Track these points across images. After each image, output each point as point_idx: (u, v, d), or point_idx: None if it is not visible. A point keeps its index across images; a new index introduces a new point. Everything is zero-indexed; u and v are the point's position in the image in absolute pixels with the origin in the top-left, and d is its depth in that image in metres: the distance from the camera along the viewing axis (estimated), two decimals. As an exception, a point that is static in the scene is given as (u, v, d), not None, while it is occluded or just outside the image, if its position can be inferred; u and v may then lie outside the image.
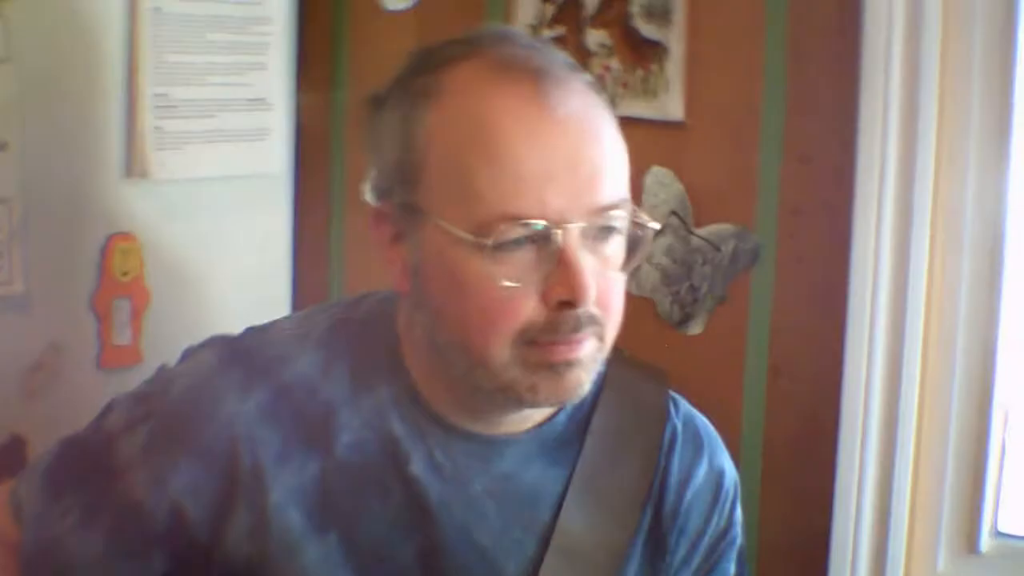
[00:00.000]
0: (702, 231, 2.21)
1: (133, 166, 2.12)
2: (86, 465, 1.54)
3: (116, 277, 2.11)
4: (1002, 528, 2.17)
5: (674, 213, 2.21)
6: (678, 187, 2.21)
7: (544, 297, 1.38)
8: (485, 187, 1.36)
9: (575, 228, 1.37)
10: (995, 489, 2.15)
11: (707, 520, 1.61)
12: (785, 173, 2.14)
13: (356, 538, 1.48)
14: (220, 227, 2.27)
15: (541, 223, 1.36)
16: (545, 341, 1.39)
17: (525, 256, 1.38)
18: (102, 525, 1.50)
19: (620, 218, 1.41)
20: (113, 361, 2.12)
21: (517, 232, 1.37)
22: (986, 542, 2.15)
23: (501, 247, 1.37)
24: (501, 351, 1.39)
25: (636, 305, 2.20)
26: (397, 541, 1.49)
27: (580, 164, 1.38)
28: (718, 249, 2.19)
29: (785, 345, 2.18)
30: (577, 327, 1.39)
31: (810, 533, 2.19)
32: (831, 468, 2.14)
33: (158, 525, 1.47)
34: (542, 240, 1.37)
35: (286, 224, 2.44)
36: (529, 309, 1.38)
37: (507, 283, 1.37)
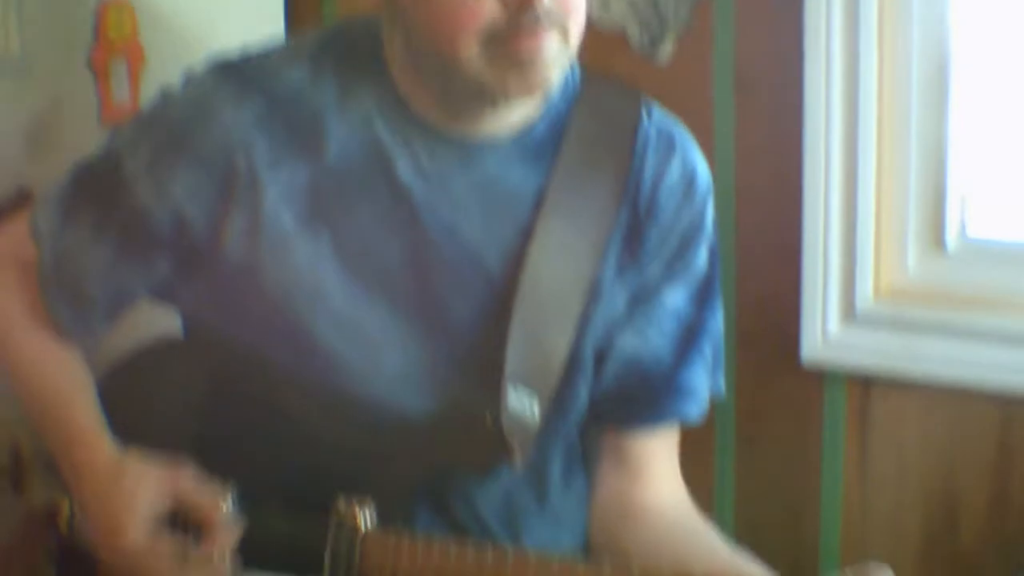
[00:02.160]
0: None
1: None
2: (96, 184, 1.65)
3: (112, 37, 2.19)
4: (970, 229, 2.24)
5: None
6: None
7: None
8: None
9: None
10: (961, 188, 2.22)
11: (679, 214, 1.67)
12: None
13: (345, 238, 1.58)
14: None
15: None
16: (509, 37, 1.48)
17: None
18: (111, 235, 1.62)
19: None
20: (113, 118, 2.20)
21: None
22: (953, 242, 2.23)
23: None
24: (469, 50, 1.49)
25: (606, 38, 2.31)
26: (384, 240, 1.58)
27: None
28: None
29: (749, 63, 2.28)
30: (537, 21, 1.48)
31: (782, 243, 2.30)
32: (798, 178, 2.24)
33: (162, 230, 1.59)
34: None
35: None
36: (491, 9, 1.48)
37: None
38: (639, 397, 1.70)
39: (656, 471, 1.73)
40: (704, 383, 1.72)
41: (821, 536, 2.33)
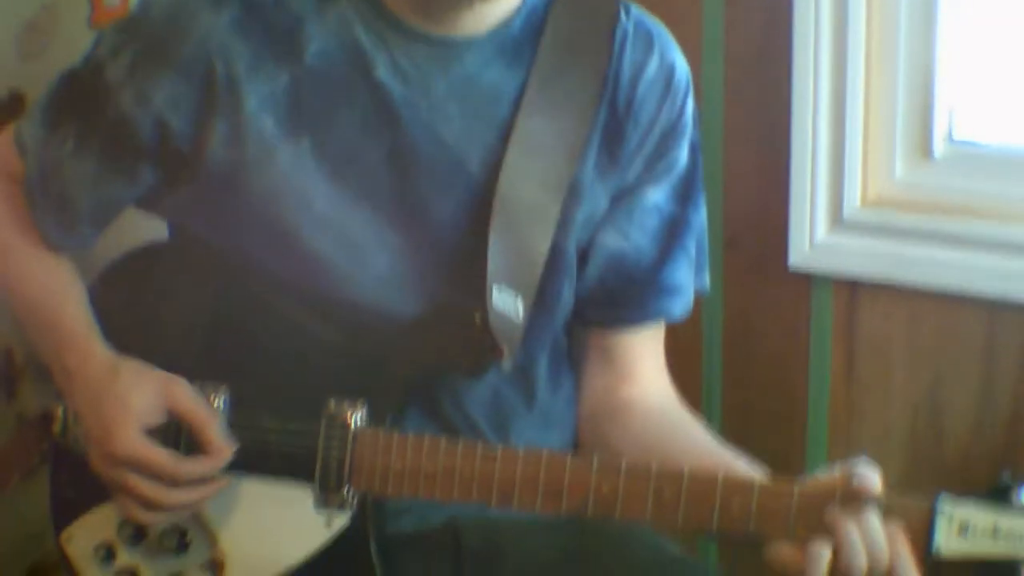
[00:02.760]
0: None
1: None
2: (79, 94, 1.66)
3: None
4: (957, 136, 2.24)
5: None
6: None
7: None
8: None
9: None
10: (948, 96, 2.22)
11: (659, 110, 1.68)
12: None
13: (327, 142, 1.58)
14: None
15: None
16: None
17: None
18: (95, 146, 1.63)
19: None
20: (104, 21, 2.18)
21: None
22: (940, 148, 2.23)
23: None
24: None
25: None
26: (365, 143, 1.59)
27: None
28: None
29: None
30: None
31: (771, 149, 2.31)
32: (787, 84, 2.24)
33: (145, 138, 1.60)
34: None
35: None
36: None
37: None
38: (623, 296, 1.72)
39: (642, 369, 1.75)
40: (688, 280, 1.74)
41: (807, 439, 2.36)
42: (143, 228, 1.80)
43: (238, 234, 1.63)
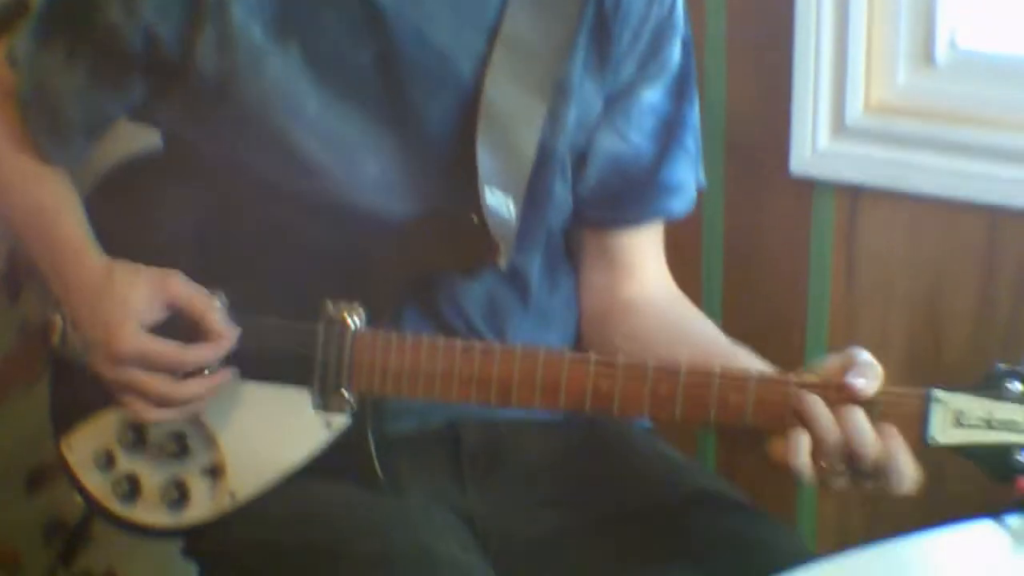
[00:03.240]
0: None
1: None
2: (69, 7, 1.65)
3: None
4: (961, 43, 2.23)
5: None
6: None
7: None
8: None
9: None
10: (952, 2, 2.21)
11: (648, 8, 1.67)
12: None
13: (314, 48, 1.58)
14: None
15: None
16: None
17: None
18: (86, 57, 1.63)
19: None
20: None
21: None
22: (943, 55, 2.22)
23: None
24: None
25: None
26: (353, 48, 1.59)
27: None
28: None
29: None
30: None
31: (774, 55, 2.29)
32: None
33: (135, 50, 1.59)
34: None
35: None
36: None
37: None
38: (624, 196, 1.72)
39: (644, 267, 1.77)
40: (689, 177, 1.75)
41: (807, 346, 2.37)
42: (138, 139, 1.80)
43: (231, 141, 1.63)
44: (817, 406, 1.43)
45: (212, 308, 1.59)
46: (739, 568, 1.55)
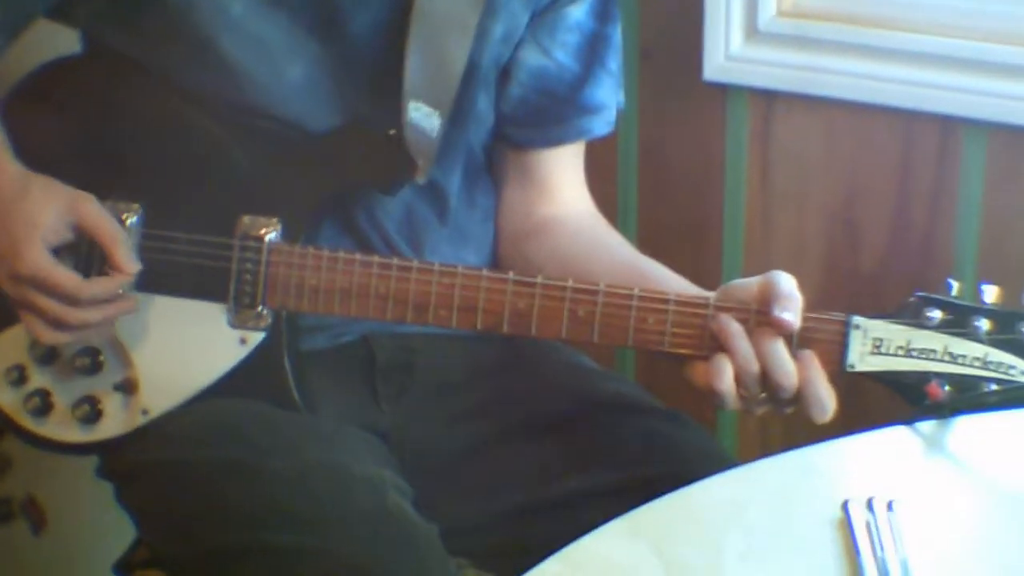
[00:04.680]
0: None
1: None
2: None
3: None
4: None
5: None
6: None
7: None
8: None
9: None
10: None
11: None
12: None
13: None
14: None
15: None
16: None
17: None
18: None
19: None
20: None
21: None
22: None
23: None
24: None
25: None
26: None
27: None
28: None
29: None
30: None
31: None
32: None
33: None
34: None
35: None
36: None
37: None
38: (545, 114, 1.72)
39: (563, 187, 1.76)
40: (611, 98, 1.74)
41: (723, 252, 2.37)
42: (57, 43, 1.75)
43: (154, 44, 1.60)
44: (737, 336, 1.42)
45: (119, 239, 1.56)
46: (661, 472, 1.55)
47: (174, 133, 1.62)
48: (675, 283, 1.57)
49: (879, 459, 1.37)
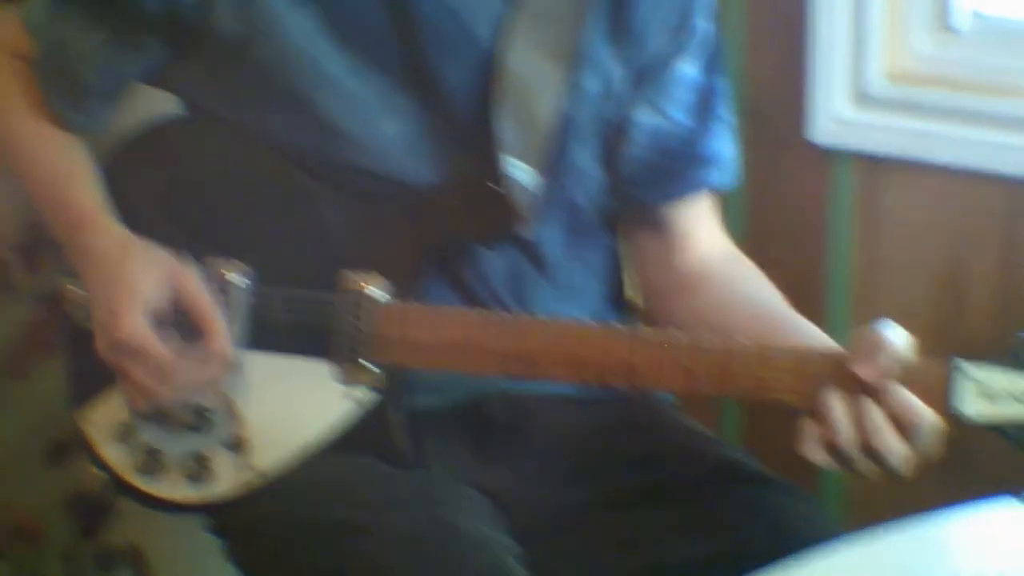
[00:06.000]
0: None
1: None
2: None
3: None
4: (982, 10, 2.23)
5: None
6: None
7: None
8: None
9: None
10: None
11: None
12: None
13: (333, 9, 1.58)
14: None
15: None
16: None
17: None
18: (102, 19, 1.62)
19: None
20: None
21: None
22: (965, 22, 2.22)
23: None
24: None
25: None
26: (372, 9, 1.58)
27: None
28: None
29: None
30: None
31: (793, 22, 2.29)
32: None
33: (151, 11, 1.59)
34: None
35: None
36: None
37: None
38: (665, 172, 1.72)
39: (691, 233, 1.76)
40: (729, 147, 1.75)
41: (828, 317, 2.36)
42: (157, 108, 1.78)
43: (250, 105, 1.62)
44: (833, 403, 1.42)
45: (215, 320, 1.57)
46: (765, 543, 1.54)
47: (271, 190, 1.64)
48: (815, 332, 1.58)
49: (991, 532, 1.34)
